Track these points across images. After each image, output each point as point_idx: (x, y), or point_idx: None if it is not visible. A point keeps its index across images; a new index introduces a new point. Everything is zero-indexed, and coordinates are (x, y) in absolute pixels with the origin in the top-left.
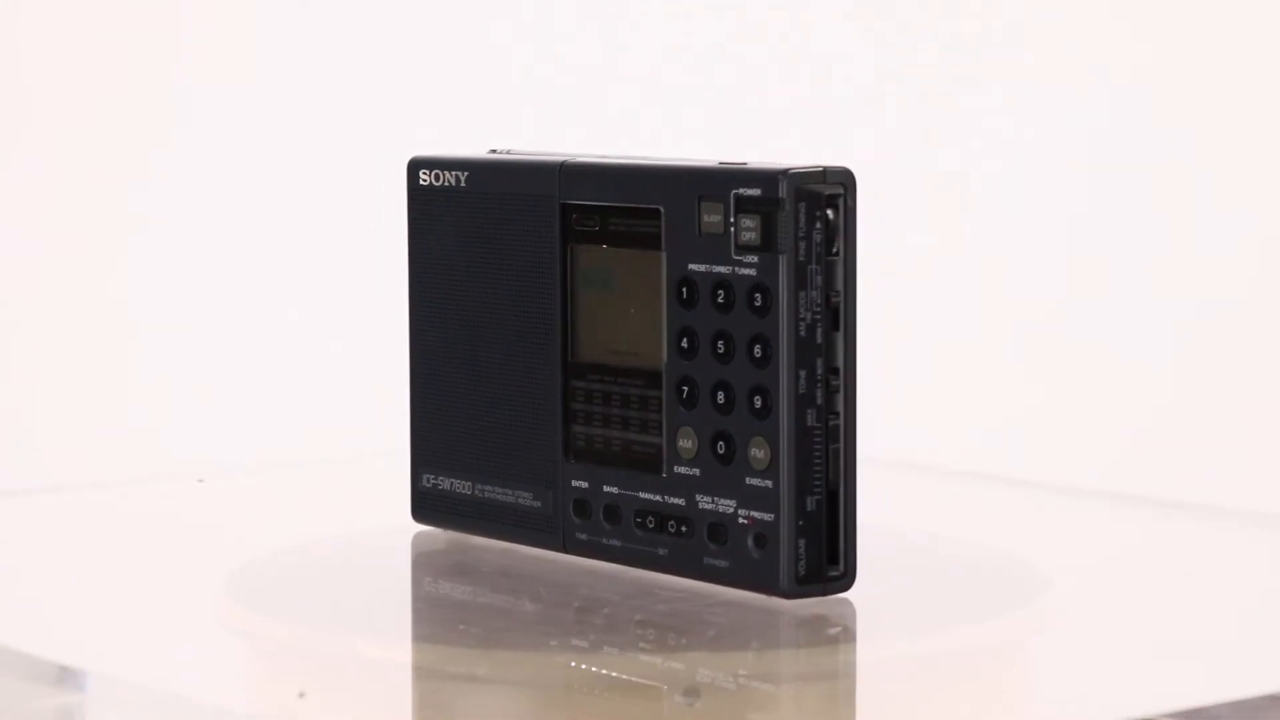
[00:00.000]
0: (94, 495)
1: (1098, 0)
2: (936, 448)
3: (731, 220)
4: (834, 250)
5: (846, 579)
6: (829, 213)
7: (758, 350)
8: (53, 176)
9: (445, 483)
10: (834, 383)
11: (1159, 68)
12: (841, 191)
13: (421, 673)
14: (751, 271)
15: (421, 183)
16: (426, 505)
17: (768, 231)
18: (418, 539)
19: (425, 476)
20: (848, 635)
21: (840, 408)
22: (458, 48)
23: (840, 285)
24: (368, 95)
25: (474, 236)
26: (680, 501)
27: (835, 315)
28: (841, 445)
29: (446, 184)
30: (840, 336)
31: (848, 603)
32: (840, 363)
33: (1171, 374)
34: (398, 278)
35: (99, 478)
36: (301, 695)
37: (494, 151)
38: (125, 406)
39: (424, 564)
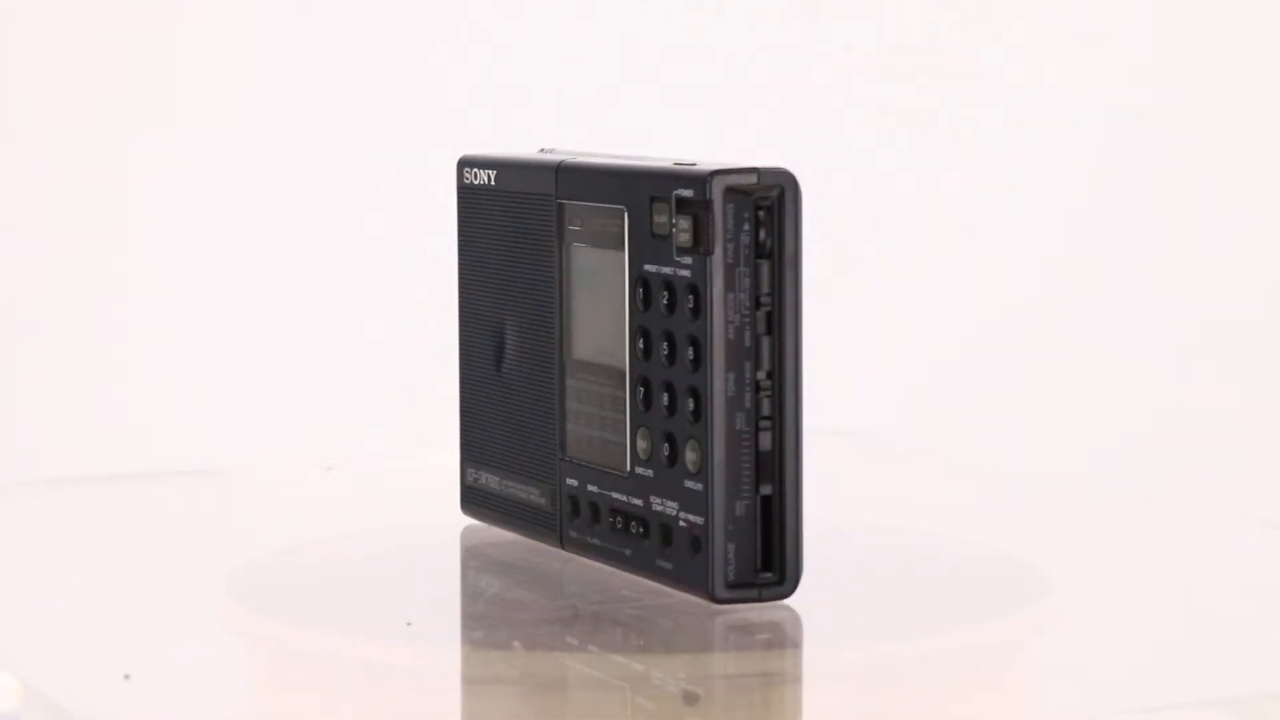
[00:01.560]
0: (112, 489)
1: None
2: (936, 444)
3: (673, 221)
4: (766, 253)
5: (786, 585)
6: (760, 215)
7: (691, 352)
8: (103, 172)
9: (483, 477)
10: (765, 386)
11: (1159, 67)
12: (778, 194)
13: (412, 673)
14: (687, 273)
15: (466, 181)
16: (471, 499)
17: (697, 232)
18: (465, 533)
19: (469, 471)
20: (782, 641)
21: (773, 412)
22: (524, 41)
23: (772, 288)
24: (429, 90)
25: (498, 235)
26: (640, 503)
27: (768, 319)
28: (775, 450)
29: (481, 183)
30: (772, 340)
31: (791, 608)
32: (773, 367)
33: (1174, 373)
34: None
35: (125, 470)
36: (126, 677)
37: (543, 151)
38: (152, 402)
39: (441, 561)
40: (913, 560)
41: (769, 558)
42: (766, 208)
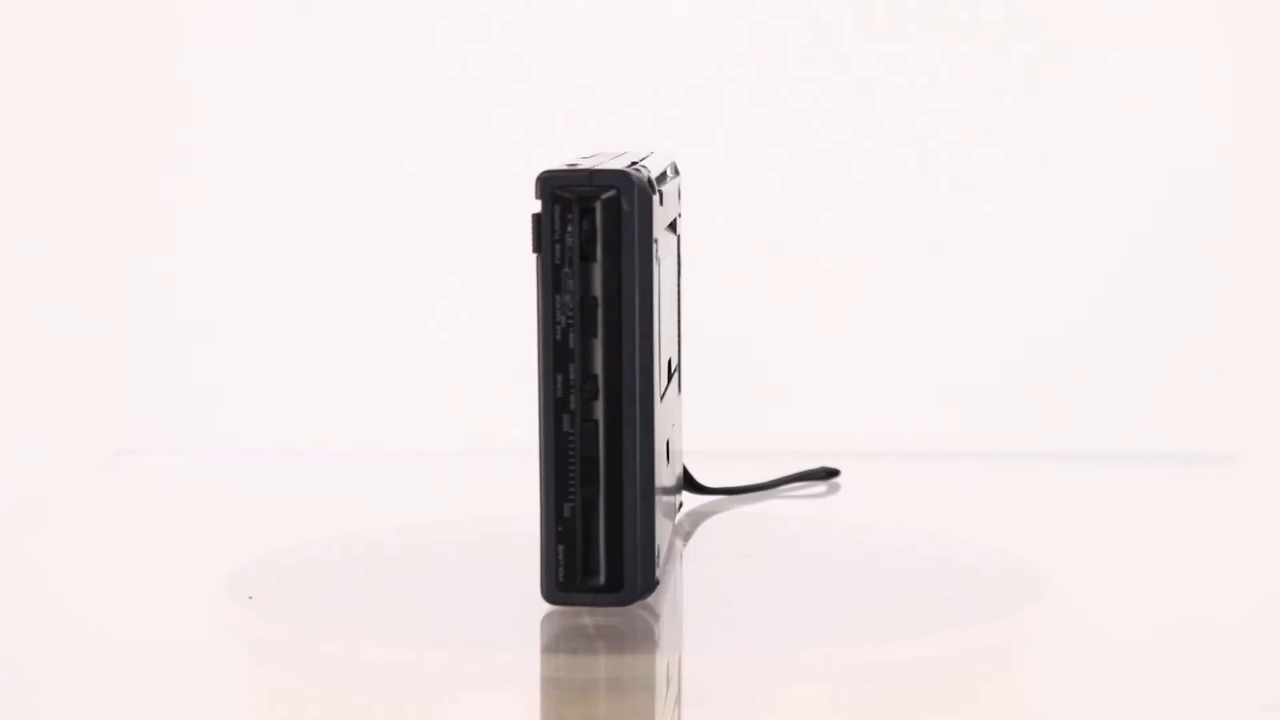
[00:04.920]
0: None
1: None
2: (933, 444)
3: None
4: (593, 254)
5: (624, 592)
6: (587, 216)
7: (535, 352)
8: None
9: None
10: (588, 389)
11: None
12: (611, 196)
13: (412, 674)
14: (536, 274)
15: None
16: None
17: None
18: None
19: None
20: (780, 641)
21: (600, 415)
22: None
23: (598, 290)
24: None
25: None
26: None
27: (595, 320)
28: (602, 453)
29: None
30: (600, 342)
31: (790, 606)
32: (599, 369)
33: (1174, 371)
34: None
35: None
36: None
37: (618, 155)
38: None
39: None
40: (913, 560)
41: (592, 562)
42: (590, 209)
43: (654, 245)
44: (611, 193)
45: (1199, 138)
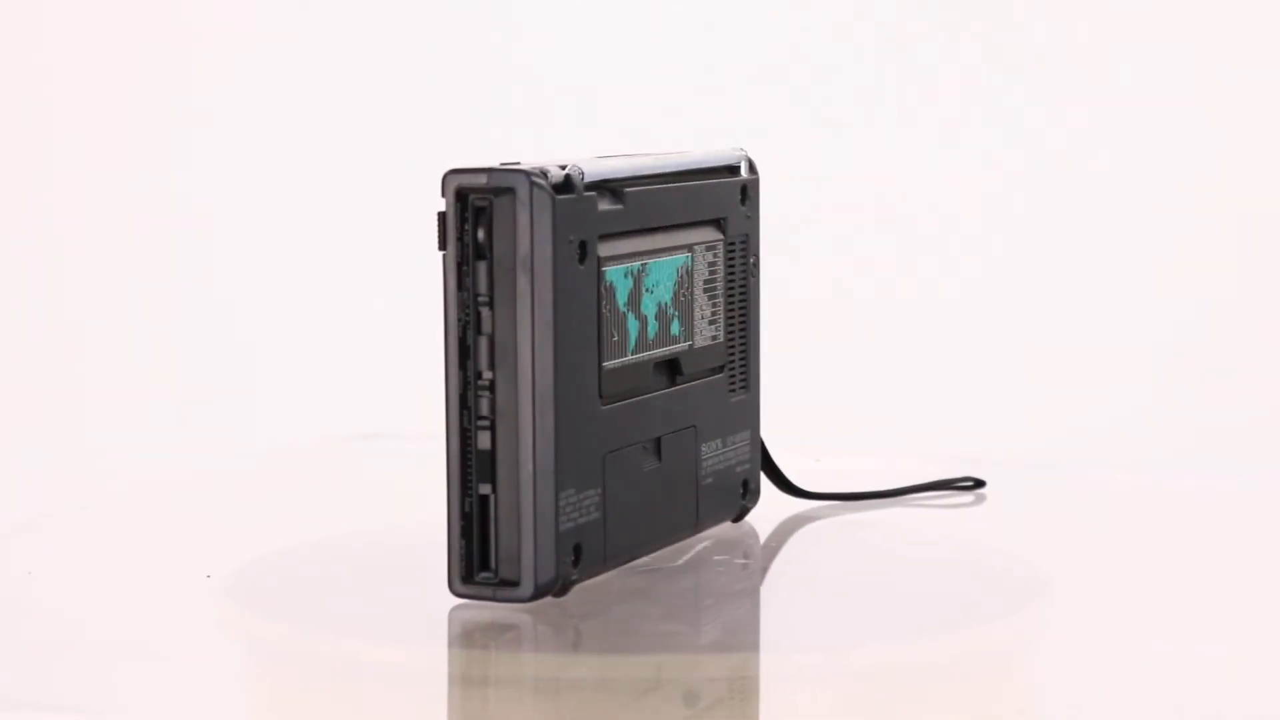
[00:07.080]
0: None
1: None
2: (931, 446)
3: None
4: (486, 254)
5: (521, 589)
6: (482, 215)
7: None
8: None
9: None
10: (484, 385)
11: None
12: (505, 195)
13: (413, 674)
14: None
15: None
16: None
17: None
18: None
19: None
20: (780, 643)
21: (491, 413)
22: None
23: (486, 289)
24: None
25: None
26: None
27: (488, 318)
28: (495, 450)
29: None
30: (492, 340)
31: (790, 608)
32: (489, 366)
33: (1174, 368)
34: None
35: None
36: None
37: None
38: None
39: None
40: (913, 560)
41: (486, 558)
42: (485, 209)
43: (574, 246)
44: (505, 192)
45: (1201, 140)
